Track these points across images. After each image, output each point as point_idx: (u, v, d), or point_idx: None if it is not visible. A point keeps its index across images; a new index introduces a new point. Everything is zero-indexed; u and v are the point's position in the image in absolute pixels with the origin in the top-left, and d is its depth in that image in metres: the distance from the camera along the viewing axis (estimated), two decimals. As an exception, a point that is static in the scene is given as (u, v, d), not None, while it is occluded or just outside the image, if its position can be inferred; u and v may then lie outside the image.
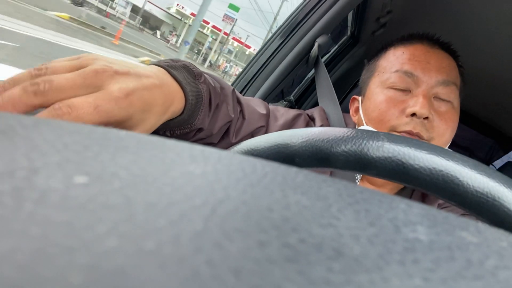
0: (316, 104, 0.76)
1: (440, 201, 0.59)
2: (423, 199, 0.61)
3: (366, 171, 0.26)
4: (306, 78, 1.27)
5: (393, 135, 0.26)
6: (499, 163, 1.53)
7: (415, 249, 0.09)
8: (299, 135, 0.27)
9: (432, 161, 0.24)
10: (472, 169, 0.23)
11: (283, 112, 0.61)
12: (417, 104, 0.54)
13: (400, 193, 0.61)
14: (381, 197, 0.12)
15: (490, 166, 1.54)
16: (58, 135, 0.11)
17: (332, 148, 0.26)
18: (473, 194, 0.23)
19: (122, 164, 0.10)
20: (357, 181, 0.62)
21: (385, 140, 0.25)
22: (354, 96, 0.68)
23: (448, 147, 0.61)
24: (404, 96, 0.58)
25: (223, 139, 0.52)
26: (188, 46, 9.53)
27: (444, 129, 0.57)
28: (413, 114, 0.55)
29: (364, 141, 0.26)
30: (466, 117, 1.40)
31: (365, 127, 0.61)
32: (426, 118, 0.55)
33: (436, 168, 0.24)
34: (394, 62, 0.61)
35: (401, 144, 0.25)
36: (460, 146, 1.59)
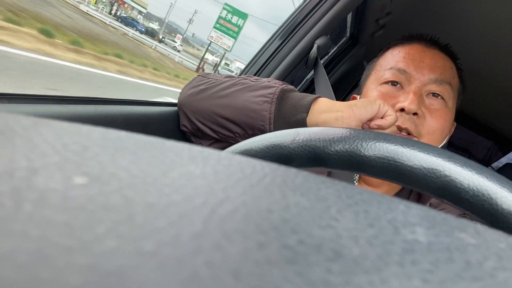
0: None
1: (432, 201, 0.59)
2: (419, 199, 0.61)
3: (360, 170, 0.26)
4: (305, 80, 1.27)
5: (384, 134, 0.26)
6: (497, 164, 1.53)
7: (414, 250, 0.09)
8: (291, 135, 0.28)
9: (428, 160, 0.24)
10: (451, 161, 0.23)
11: None
12: (406, 100, 0.55)
13: (398, 194, 0.61)
14: (380, 198, 0.12)
15: (489, 167, 1.54)
16: (58, 135, 0.11)
17: (325, 148, 0.26)
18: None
19: (122, 164, 0.10)
20: (355, 182, 0.62)
21: (377, 139, 0.25)
22: (354, 95, 0.69)
23: (447, 149, 0.61)
24: (397, 92, 0.59)
25: None
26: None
27: (435, 127, 0.57)
28: (402, 110, 0.56)
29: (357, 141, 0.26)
30: (465, 119, 1.40)
31: None
32: (416, 114, 0.56)
33: (434, 167, 0.24)
34: (390, 60, 0.62)
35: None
36: (459, 148, 1.59)
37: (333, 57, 1.30)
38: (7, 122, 0.11)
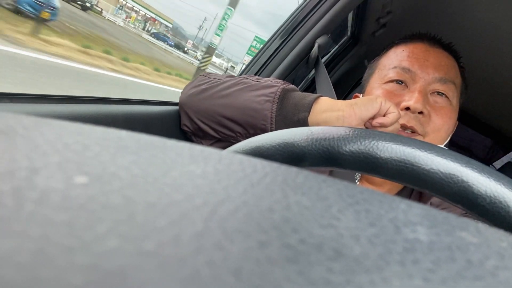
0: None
1: (433, 200, 0.59)
2: (420, 198, 0.61)
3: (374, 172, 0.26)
4: (306, 79, 1.27)
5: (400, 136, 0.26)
6: (498, 163, 1.53)
7: (415, 249, 0.09)
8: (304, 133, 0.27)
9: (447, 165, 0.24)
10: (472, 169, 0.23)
11: None
12: (412, 99, 0.55)
13: (399, 193, 0.61)
14: (381, 197, 0.12)
15: (490, 166, 1.54)
16: (59, 135, 0.11)
17: (340, 148, 0.26)
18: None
19: (122, 164, 0.10)
20: (356, 181, 0.62)
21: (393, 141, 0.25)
22: (356, 94, 0.69)
23: (448, 148, 0.61)
24: (401, 91, 0.59)
25: None
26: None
27: (440, 125, 0.57)
28: (408, 108, 0.56)
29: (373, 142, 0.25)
30: (466, 118, 1.40)
31: None
32: (421, 113, 0.56)
33: (454, 173, 0.23)
34: (393, 59, 0.62)
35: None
36: (460, 147, 1.59)
37: (334, 56, 1.30)
38: (8, 122, 0.11)
